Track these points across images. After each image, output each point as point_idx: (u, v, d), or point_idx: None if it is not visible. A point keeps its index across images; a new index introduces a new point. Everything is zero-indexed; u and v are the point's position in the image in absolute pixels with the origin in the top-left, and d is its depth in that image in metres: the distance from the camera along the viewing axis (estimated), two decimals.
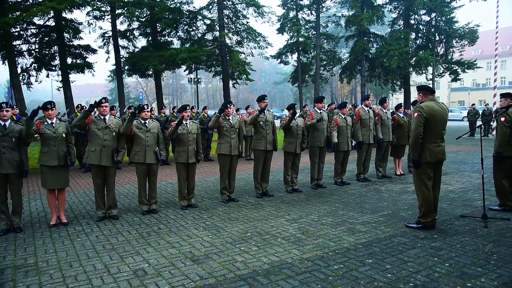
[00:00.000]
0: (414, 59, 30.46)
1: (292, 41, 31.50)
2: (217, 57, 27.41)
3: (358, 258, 4.36)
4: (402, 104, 10.50)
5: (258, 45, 28.24)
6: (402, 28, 31.05)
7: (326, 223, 5.78)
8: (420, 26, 31.65)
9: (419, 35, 31.90)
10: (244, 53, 28.54)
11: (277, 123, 8.18)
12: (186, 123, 6.80)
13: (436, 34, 30.85)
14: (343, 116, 8.43)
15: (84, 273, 4.17)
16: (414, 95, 36.16)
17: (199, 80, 34.89)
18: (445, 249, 4.59)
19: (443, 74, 31.88)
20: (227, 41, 26.56)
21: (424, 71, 31.57)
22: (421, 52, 29.76)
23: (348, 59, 33.76)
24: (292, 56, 33.31)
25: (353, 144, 8.69)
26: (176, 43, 28.23)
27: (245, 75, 27.00)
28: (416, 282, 3.72)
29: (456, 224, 5.57)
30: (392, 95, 45.01)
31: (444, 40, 31.20)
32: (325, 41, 33.31)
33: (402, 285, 3.67)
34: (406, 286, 3.64)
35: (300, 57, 31.92)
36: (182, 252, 4.71)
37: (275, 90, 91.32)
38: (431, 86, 34.31)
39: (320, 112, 8.26)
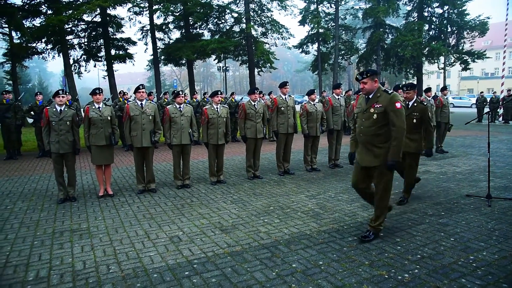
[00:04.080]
0: (427, 49, 29.34)
1: (312, 32, 30.83)
2: (243, 47, 27.18)
3: None
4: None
5: (281, 36, 27.81)
6: (416, 20, 29.94)
7: (342, 199, 5.76)
8: (433, 18, 30.42)
9: (432, 26, 30.70)
10: (268, 44, 28.13)
11: (298, 108, 8.12)
12: (217, 108, 6.84)
13: (448, 25, 29.66)
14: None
15: (127, 238, 4.32)
16: (426, 82, 35.01)
17: (227, 68, 34.75)
18: (451, 225, 4.52)
19: (454, 63, 30.69)
20: (253, 32, 26.26)
21: (436, 61, 30.47)
22: (433, 43, 28.67)
23: (365, 49, 32.89)
24: (313, 46, 32.63)
25: None
26: (207, 35, 28.10)
27: (269, 64, 26.69)
28: (423, 254, 3.69)
29: (462, 202, 5.45)
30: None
31: (455, 32, 29.99)
32: (343, 32, 32.47)
33: (410, 256, 3.66)
34: (414, 257, 3.63)
35: (320, 47, 31.25)
36: (212, 222, 4.81)
37: (297, 78, 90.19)
38: (442, 74, 33.21)
39: (338, 98, 8.16)
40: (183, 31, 26.68)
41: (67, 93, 8.73)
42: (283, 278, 3.27)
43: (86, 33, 23.23)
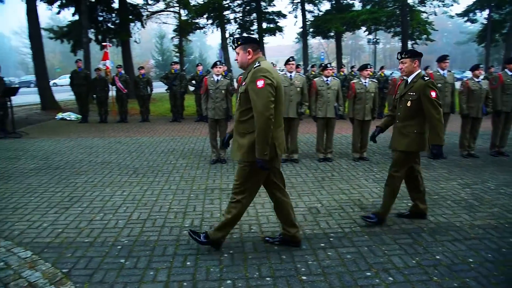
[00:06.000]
0: None
1: None
2: (397, 18, 25.13)
3: None
4: None
5: (443, 3, 24.71)
6: None
7: (505, 193, 4.98)
8: None
9: None
10: (426, 13, 25.40)
11: (457, 85, 7.21)
12: (365, 83, 6.57)
13: None
14: None
15: (269, 203, 4.48)
16: None
17: (378, 41, 32.85)
18: None
19: None
20: (409, 0, 24.00)
21: None
22: None
23: None
24: (482, 13, 28.14)
25: None
26: (357, 5, 26.89)
27: (425, 35, 24.22)
28: None
29: None
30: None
31: None
32: None
33: None
34: None
35: (492, 13, 26.77)
36: (352, 199, 4.73)
37: (457, 51, 79.56)
38: None
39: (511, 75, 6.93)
40: (333, 2, 26.08)
41: (223, 64, 9.52)
42: (424, 268, 3.04)
43: (241, 8, 24.79)
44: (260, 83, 2.92)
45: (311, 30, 26.66)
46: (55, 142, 8.65)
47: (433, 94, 3.67)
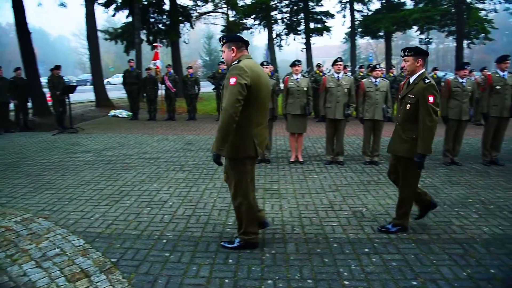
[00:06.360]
0: None
1: None
2: (452, 16, 23.88)
3: None
4: None
5: None
6: None
7: None
8: None
9: None
10: (485, 10, 23.90)
11: None
12: None
13: None
14: None
15: (312, 205, 4.54)
16: None
17: (430, 41, 31.44)
18: None
19: None
20: None
21: None
22: None
23: None
24: None
25: None
26: (409, 4, 25.87)
27: (483, 34, 22.81)
28: None
29: None
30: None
31: None
32: None
33: None
34: None
35: None
36: None
37: None
38: None
39: None
40: (383, 1, 25.30)
41: (270, 65, 9.53)
42: (477, 282, 2.88)
43: (288, 9, 24.76)
44: (232, 81, 2.97)
45: (359, 30, 26.02)
46: (107, 137, 9.10)
47: (431, 99, 3.43)
